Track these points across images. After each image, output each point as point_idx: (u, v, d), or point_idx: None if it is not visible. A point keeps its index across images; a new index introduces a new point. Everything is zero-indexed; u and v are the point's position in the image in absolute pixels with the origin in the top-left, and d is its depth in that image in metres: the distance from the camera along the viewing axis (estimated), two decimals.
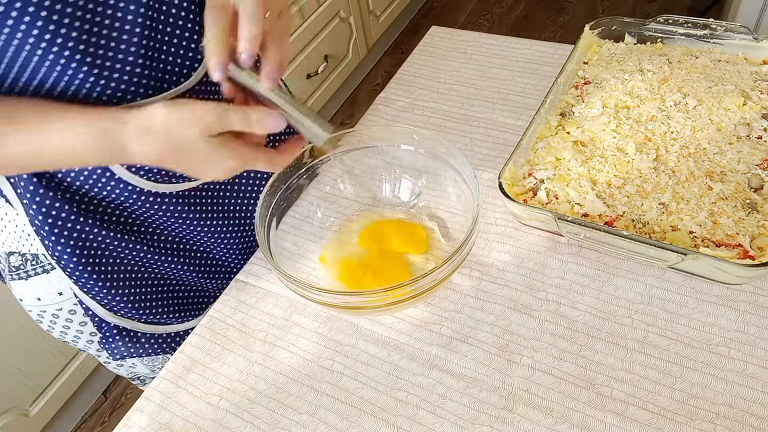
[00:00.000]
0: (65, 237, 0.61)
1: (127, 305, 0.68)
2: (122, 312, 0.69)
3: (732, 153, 0.67)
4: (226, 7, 0.48)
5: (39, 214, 0.59)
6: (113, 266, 0.66)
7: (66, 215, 0.60)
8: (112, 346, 0.71)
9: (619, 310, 0.62)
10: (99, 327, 0.69)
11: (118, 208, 0.63)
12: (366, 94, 2.40)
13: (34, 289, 0.67)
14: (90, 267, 0.64)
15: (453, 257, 0.56)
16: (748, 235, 0.59)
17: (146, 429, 0.61)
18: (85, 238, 0.62)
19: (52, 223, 0.59)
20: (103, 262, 0.65)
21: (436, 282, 0.58)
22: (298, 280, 0.56)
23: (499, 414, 0.56)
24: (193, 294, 0.77)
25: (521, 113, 0.86)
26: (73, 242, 0.61)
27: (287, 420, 0.59)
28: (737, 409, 0.54)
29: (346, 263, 0.68)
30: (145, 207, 0.64)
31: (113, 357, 0.72)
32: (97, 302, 0.67)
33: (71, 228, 0.61)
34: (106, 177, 0.60)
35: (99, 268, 0.64)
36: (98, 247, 0.64)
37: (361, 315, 0.65)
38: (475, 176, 0.62)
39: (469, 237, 0.57)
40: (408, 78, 0.96)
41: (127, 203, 0.63)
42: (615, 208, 0.64)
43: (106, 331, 0.70)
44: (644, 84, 0.76)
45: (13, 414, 1.37)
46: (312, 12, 1.93)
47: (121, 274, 0.67)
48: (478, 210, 0.59)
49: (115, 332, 0.70)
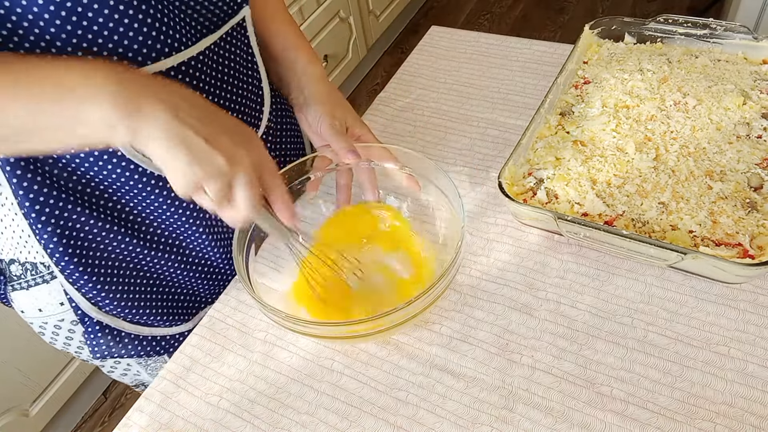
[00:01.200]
0: (52, 224, 0.59)
1: (113, 302, 0.67)
2: (107, 308, 0.68)
3: (732, 152, 0.67)
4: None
5: (26, 200, 0.57)
6: (102, 259, 0.65)
7: (54, 201, 0.59)
8: (93, 343, 0.70)
9: (618, 309, 0.62)
10: (82, 322, 0.68)
11: (114, 196, 0.62)
12: (366, 94, 2.40)
13: (35, 300, 0.67)
14: (77, 257, 0.62)
15: (435, 286, 0.54)
16: (747, 235, 0.59)
17: (146, 429, 0.61)
18: (72, 226, 0.61)
19: (39, 209, 0.58)
20: (91, 255, 0.63)
21: (408, 316, 0.56)
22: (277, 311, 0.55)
23: (499, 413, 0.57)
24: (182, 297, 0.76)
25: (521, 113, 0.86)
26: (59, 230, 0.60)
27: (287, 420, 0.59)
28: (737, 408, 0.54)
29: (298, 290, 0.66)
30: (143, 194, 0.62)
31: (94, 355, 0.70)
32: (82, 295, 0.66)
33: (59, 215, 0.59)
34: (108, 154, 0.58)
35: (87, 260, 0.63)
36: (86, 237, 0.62)
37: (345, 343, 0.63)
38: (459, 196, 0.61)
39: (453, 263, 0.56)
40: (408, 78, 0.96)
41: (124, 188, 0.61)
42: (615, 207, 0.64)
43: (89, 326, 0.68)
44: (644, 83, 0.76)
45: (13, 414, 1.37)
46: (312, 12, 1.94)
47: (110, 269, 0.66)
48: (463, 233, 0.58)
49: (98, 329, 0.69)
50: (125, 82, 0.46)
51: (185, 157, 0.46)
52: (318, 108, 0.69)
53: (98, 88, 0.45)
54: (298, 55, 0.73)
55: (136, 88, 0.46)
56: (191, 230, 0.69)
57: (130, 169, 0.60)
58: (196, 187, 0.48)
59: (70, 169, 0.58)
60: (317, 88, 0.70)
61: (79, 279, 0.64)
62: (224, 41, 0.62)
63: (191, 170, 0.47)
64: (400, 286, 0.66)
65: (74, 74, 0.46)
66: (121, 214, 0.64)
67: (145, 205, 0.64)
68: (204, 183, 0.48)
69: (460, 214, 0.60)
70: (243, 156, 0.49)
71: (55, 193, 0.58)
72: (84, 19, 0.49)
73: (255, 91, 0.69)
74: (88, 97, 0.45)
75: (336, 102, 0.70)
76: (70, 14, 0.48)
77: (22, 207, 0.58)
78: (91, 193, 0.61)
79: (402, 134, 0.87)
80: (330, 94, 0.71)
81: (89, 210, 0.61)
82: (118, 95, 0.45)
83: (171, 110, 0.46)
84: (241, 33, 0.65)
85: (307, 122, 0.70)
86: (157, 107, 0.46)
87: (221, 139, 0.48)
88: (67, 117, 0.46)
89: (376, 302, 0.65)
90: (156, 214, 0.65)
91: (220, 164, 0.48)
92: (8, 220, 0.62)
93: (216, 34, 0.61)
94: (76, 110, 0.45)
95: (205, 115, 0.49)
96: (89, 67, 0.46)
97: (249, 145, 0.51)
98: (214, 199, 0.49)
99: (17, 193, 0.57)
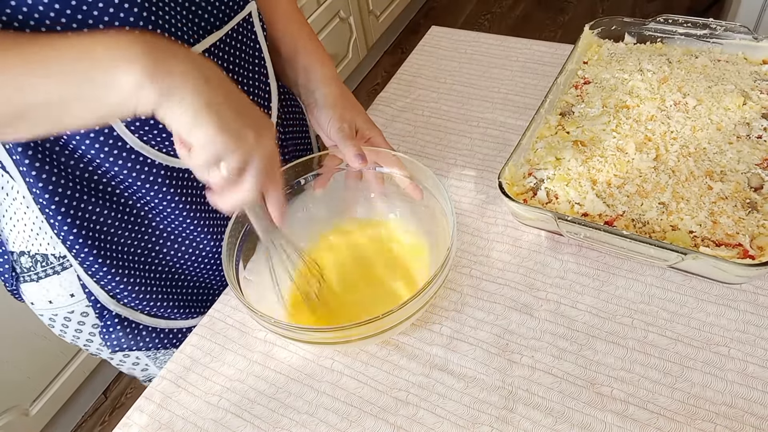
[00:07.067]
0: (71, 216, 0.59)
1: (131, 294, 0.68)
2: (125, 301, 0.68)
3: (732, 152, 0.67)
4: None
5: (45, 192, 0.57)
6: (118, 251, 0.65)
7: (71, 193, 0.58)
8: (111, 337, 0.70)
9: (619, 309, 0.62)
10: (100, 315, 0.68)
11: (122, 185, 0.62)
12: (366, 94, 2.39)
13: (45, 292, 0.67)
14: (96, 249, 0.62)
15: (425, 289, 0.54)
16: (748, 235, 0.59)
17: (146, 429, 0.61)
18: (88, 218, 0.61)
19: (58, 202, 0.58)
20: (108, 246, 0.64)
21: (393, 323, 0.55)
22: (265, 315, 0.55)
23: (499, 414, 0.57)
24: (198, 290, 0.76)
25: (521, 113, 0.86)
26: (79, 221, 0.60)
27: (287, 420, 0.59)
28: (737, 408, 0.54)
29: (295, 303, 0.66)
30: (147, 185, 0.62)
31: (111, 349, 0.71)
32: (101, 287, 0.66)
33: (75, 206, 0.59)
34: (118, 147, 0.57)
35: (105, 252, 0.63)
36: (101, 229, 0.62)
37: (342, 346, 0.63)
38: (452, 212, 0.60)
39: (438, 275, 0.55)
40: (408, 78, 0.96)
41: (129, 179, 0.61)
42: (615, 207, 0.64)
43: (107, 319, 0.68)
44: (644, 84, 0.76)
45: (13, 414, 1.37)
46: (312, 12, 1.94)
47: (126, 261, 0.66)
48: (452, 248, 0.57)
49: (116, 321, 0.69)
50: (154, 45, 0.45)
51: (214, 125, 0.44)
52: (328, 111, 0.68)
53: (127, 51, 0.44)
54: (310, 56, 0.72)
55: (166, 51, 0.45)
56: (202, 223, 0.69)
57: (139, 162, 0.59)
58: (215, 159, 0.46)
59: (82, 162, 0.58)
60: (328, 91, 0.70)
61: (98, 271, 0.64)
62: (230, 38, 0.62)
63: (219, 138, 0.45)
64: (393, 292, 0.66)
65: (101, 44, 0.45)
66: (132, 207, 0.64)
67: (151, 197, 0.64)
68: (227, 154, 0.46)
69: (450, 220, 0.60)
70: (265, 139, 0.48)
71: (70, 185, 0.59)
72: (90, 17, 0.48)
73: (263, 87, 0.69)
74: (118, 61, 0.44)
75: (346, 104, 0.70)
76: (75, 13, 0.48)
77: (38, 201, 0.59)
78: (104, 185, 0.61)
79: (402, 134, 0.87)
80: (341, 96, 0.70)
81: (102, 201, 0.61)
82: (148, 57, 0.44)
83: (202, 75, 0.45)
84: (248, 29, 0.65)
85: (318, 124, 0.70)
86: (189, 70, 0.45)
87: (248, 115, 0.47)
88: (99, 85, 0.44)
89: (368, 305, 0.65)
90: (163, 205, 0.65)
91: (248, 137, 0.46)
92: (20, 214, 0.63)
93: (222, 30, 0.61)
94: (106, 77, 0.44)
95: (231, 89, 0.48)
96: (115, 36, 0.45)
97: (268, 130, 0.50)
98: (228, 174, 0.47)
99: (35, 187, 0.57)
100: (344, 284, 0.68)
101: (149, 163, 0.60)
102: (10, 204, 0.63)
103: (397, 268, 0.68)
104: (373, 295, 0.66)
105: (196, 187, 0.66)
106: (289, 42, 0.73)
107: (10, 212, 0.63)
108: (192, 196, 0.66)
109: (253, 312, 0.55)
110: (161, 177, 0.61)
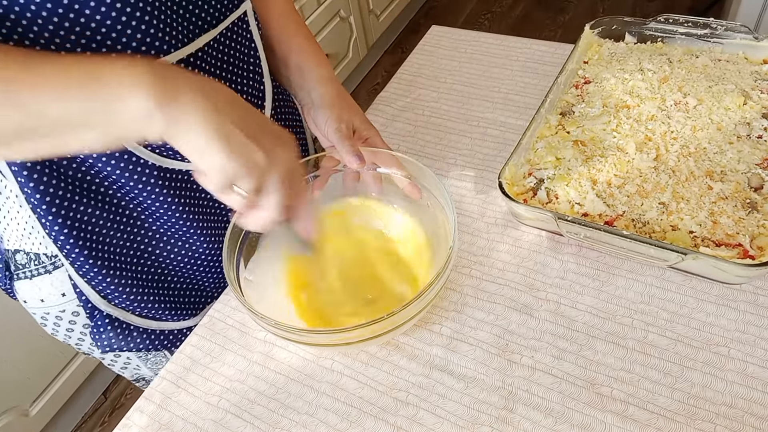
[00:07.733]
0: (62, 216, 0.59)
1: (122, 294, 0.67)
2: (116, 301, 0.68)
3: (732, 152, 0.67)
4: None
5: (36, 191, 0.57)
6: (110, 252, 0.65)
7: (62, 193, 0.58)
8: (102, 337, 0.69)
9: (619, 309, 0.62)
10: (91, 315, 0.68)
11: (114, 185, 0.61)
12: (366, 94, 2.39)
13: (38, 290, 0.67)
14: (87, 249, 0.62)
15: (426, 291, 0.54)
16: (748, 235, 0.59)
17: (146, 429, 0.61)
18: (80, 218, 0.61)
19: (49, 202, 0.58)
20: (100, 247, 0.63)
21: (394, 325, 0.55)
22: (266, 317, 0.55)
23: (499, 414, 0.56)
24: (190, 292, 0.76)
25: (521, 113, 0.86)
26: (70, 221, 0.60)
27: (287, 420, 0.59)
28: (737, 409, 0.54)
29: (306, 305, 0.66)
30: (140, 185, 0.62)
31: (101, 349, 0.70)
32: (92, 287, 0.66)
33: (67, 207, 0.59)
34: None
35: (96, 252, 0.63)
36: (93, 229, 0.62)
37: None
38: (453, 211, 0.59)
39: (438, 277, 0.55)
40: (408, 77, 0.96)
41: (122, 180, 0.60)
42: (615, 207, 0.64)
43: (98, 319, 0.68)
44: (644, 83, 0.76)
45: (13, 414, 1.37)
46: (312, 11, 1.94)
47: (118, 261, 0.66)
48: (454, 247, 0.57)
49: (107, 321, 0.68)
50: (160, 72, 0.45)
51: (224, 151, 0.44)
52: (325, 111, 0.68)
53: (135, 78, 0.44)
54: (305, 56, 0.72)
55: (172, 78, 0.45)
56: (194, 224, 0.69)
57: (132, 162, 0.59)
58: (230, 184, 0.46)
59: (74, 162, 0.58)
60: (325, 91, 0.70)
61: (89, 271, 0.64)
62: (224, 36, 0.62)
63: (229, 165, 0.45)
64: (394, 293, 0.66)
65: (107, 69, 0.44)
66: (125, 208, 0.64)
67: (144, 197, 0.63)
68: (239, 179, 0.46)
69: (451, 219, 0.59)
70: (280, 156, 0.48)
71: (62, 185, 0.58)
72: (81, 16, 0.48)
73: (256, 86, 0.69)
74: (126, 87, 0.43)
75: (343, 105, 0.70)
76: (67, 11, 0.48)
77: (29, 201, 0.58)
78: (96, 185, 0.61)
79: (402, 134, 0.87)
80: (338, 96, 0.70)
81: (94, 201, 0.61)
82: (155, 85, 0.43)
83: (210, 102, 0.45)
84: (243, 28, 0.65)
85: (315, 124, 0.70)
86: (197, 98, 0.44)
87: (260, 136, 0.47)
88: (107, 111, 0.44)
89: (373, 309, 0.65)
90: (155, 206, 0.65)
91: (259, 161, 0.46)
92: (14, 212, 0.63)
93: (216, 29, 0.60)
94: (114, 103, 0.44)
95: (244, 111, 0.47)
96: (120, 61, 0.45)
97: (285, 147, 0.49)
98: (247, 197, 0.47)
99: (26, 186, 0.57)
100: (344, 284, 0.67)
101: (142, 163, 0.60)
102: (4, 202, 0.62)
103: (397, 268, 0.68)
104: (373, 295, 0.66)
105: (189, 189, 0.66)
106: (285, 42, 0.73)
107: (4, 210, 0.63)
108: (185, 197, 0.65)
109: (254, 313, 0.55)
110: (154, 178, 0.61)
